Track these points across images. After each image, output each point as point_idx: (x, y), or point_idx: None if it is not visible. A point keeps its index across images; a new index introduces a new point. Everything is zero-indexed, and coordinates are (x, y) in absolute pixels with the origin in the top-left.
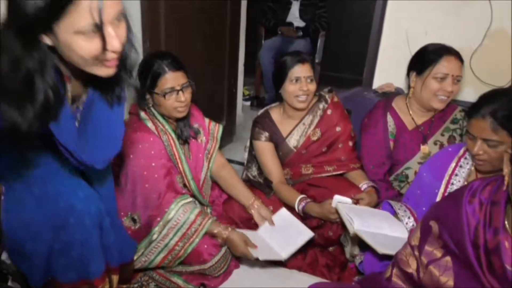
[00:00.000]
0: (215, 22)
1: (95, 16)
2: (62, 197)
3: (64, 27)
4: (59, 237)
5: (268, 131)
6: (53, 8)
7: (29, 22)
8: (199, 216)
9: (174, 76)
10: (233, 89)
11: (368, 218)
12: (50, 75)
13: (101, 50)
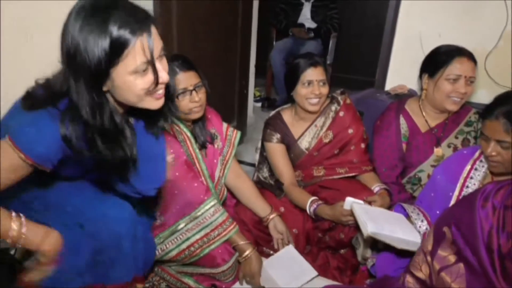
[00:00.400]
0: (227, 24)
1: (147, 54)
2: (94, 205)
3: (121, 70)
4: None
5: (279, 133)
6: (112, 55)
7: (94, 74)
8: (226, 221)
9: (185, 77)
10: (244, 90)
11: (382, 220)
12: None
13: (154, 84)
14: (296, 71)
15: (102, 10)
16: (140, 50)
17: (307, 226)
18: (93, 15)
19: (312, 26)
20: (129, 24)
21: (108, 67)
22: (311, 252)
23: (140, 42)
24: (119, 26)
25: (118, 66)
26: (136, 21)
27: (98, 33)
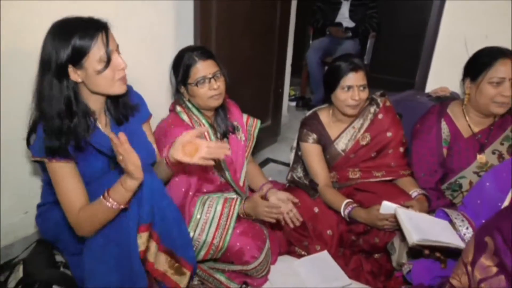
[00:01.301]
0: (265, 22)
1: (105, 44)
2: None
3: (90, 60)
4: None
5: (316, 133)
6: (80, 50)
7: (60, 66)
8: (225, 205)
9: (204, 65)
10: (280, 89)
11: (426, 227)
12: (82, 104)
13: (113, 71)
14: (336, 74)
15: (69, 22)
16: (102, 41)
17: (341, 229)
18: (65, 25)
19: (350, 25)
20: (93, 25)
21: (73, 57)
22: (344, 255)
23: (101, 37)
24: (86, 26)
25: (89, 56)
26: (95, 23)
27: (66, 34)
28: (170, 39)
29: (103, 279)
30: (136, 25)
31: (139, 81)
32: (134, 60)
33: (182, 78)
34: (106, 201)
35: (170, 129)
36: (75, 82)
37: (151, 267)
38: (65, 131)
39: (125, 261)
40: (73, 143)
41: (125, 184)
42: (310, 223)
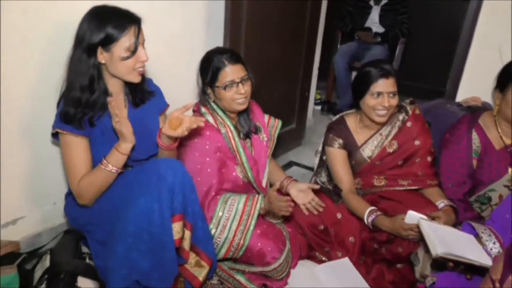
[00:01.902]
0: (295, 25)
1: (136, 36)
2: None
3: (119, 46)
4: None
5: (342, 138)
6: (113, 34)
7: (92, 44)
8: (247, 203)
9: (233, 69)
10: (306, 93)
11: (451, 240)
12: (102, 83)
13: (136, 60)
14: (366, 80)
15: (107, 10)
16: (133, 33)
17: (364, 236)
18: (101, 10)
19: (379, 31)
20: (129, 16)
21: (105, 40)
22: (365, 263)
23: (135, 28)
24: (121, 16)
25: (119, 43)
26: (132, 16)
27: (101, 20)
28: (199, 39)
29: (135, 265)
30: (168, 24)
31: (166, 78)
32: (163, 57)
33: (210, 80)
34: (104, 167)
35: (194, 131)
36: (100, 62)
37: (186, 255)
38: (83, 103)
39: (157, 249)
40: (88, 117)
41: (120, 148)
42: (333, 228)
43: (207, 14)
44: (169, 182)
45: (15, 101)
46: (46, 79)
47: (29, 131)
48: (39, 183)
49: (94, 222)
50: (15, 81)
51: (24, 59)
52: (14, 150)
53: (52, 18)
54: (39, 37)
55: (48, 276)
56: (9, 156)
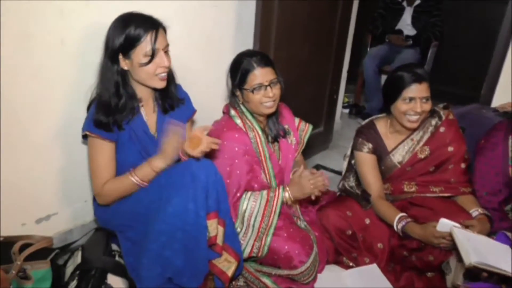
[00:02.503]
0: (325, 27)
1: (153, 45)
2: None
3: (137, 52)
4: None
5: (372, 143)
6: (130, 42)
7: (114, 51)
8: (269, 195)
9: (262, 72)
10: (334, 96)
11: (485, 250)
12: (128, 89)
13: (155, 66)
14: (398, 85)
15: (130, 16)
16: (151, 39)
17: (393, 243)
18: (125, 18)
19: (411, 33)
20: (147, 22)
21: (124, 46)
22: (394, 271)
23: (151, 35)
24: (140, 22)
25: (136, 49)
26: (151, 22)
27: (122, 26)
28: (229, 41)
29: (168, 263)
30: (198, 26)
31: (194, 80)
32: (192, 60)
33: (238, 82)
34: (131, 177)
35: (222, 132)
36: (123, 69)
37: (220, 250)
38: (113, 109)
39: (190, 247)
40: (117, 121)
41: (153, 165)
42: (361, 234)
43: (237, 16)
44: (203, 181)
45: (51, 102)
46: (81, 81)
47: (63, 132)
48: (71, 182)
49: (126, 223)
50: (51, 82)
51: (61, 60)
52: (49, 150)
53: (88, 20)
54: (75, 39)
55: (79, 272)
56: (44, 155)
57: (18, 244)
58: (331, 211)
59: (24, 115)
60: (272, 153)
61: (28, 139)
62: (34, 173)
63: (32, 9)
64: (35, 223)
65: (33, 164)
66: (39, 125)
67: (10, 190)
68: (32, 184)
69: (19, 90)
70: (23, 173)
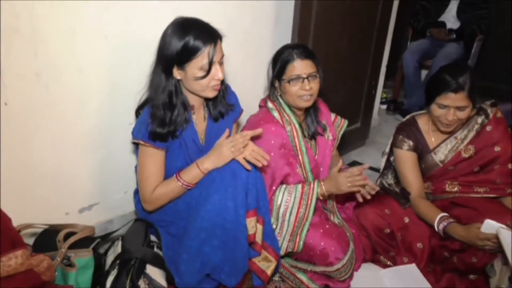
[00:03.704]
0: (365, 22)
1: (210, 58)
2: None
3: (193, 65)
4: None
5: (412, 140)
6: (183, 54)
7: (168, 62)
8: (304, 188)
9: (301, 64)
10: (373, 91)
11: None
12: (181, 98)
13: (210, 79)
14: (436, 88)
15: (186, 25)
16: (207, 54)
17: (433, 243)
18: (181, 27)
19: (454, 27)
20: (204, 35)
21: (179, 59)
22: (434, 271)
23: (209, 49)
24: (197, 34)
25: (191, 63)
26: (209, 34)
27: (178, 37)
28: (267, 36)
29: (207, 259)
30: (237, 20)
31: (232, 75)
32: (231, 54)
33: (277, 73)
34: (178, 181)
35: (259, 125)
36: (176, 78)
37: (259, 249)
38: (167, 122)
39: (229, 244)
40: (172, 133)
41: (202, 166)
42: (399, 233)
43: (275, 11)
44: (244, 179)
45: (93, 96)
46: (122, 76)
47: (104, 125)
48: (112, 173)
49: (167, 218)
50: (94, 77)
51: (104, 55)
52: (91, 143)
53: (132, 16)
54: (118, 34)
55: (120, 262)
56: (86, 148)
57: (63, 232)
58: (369, 209)
59: (68, 109)
60: (309, 147)
61: (71, 133)
62: (77, 165)
63: (78, 6)
64: (78, 212)
65: (76, 156)
66: (82, 119)
67: (55, 181)
68: (76, 175)
69: (64, 85)
70: (67, 165)
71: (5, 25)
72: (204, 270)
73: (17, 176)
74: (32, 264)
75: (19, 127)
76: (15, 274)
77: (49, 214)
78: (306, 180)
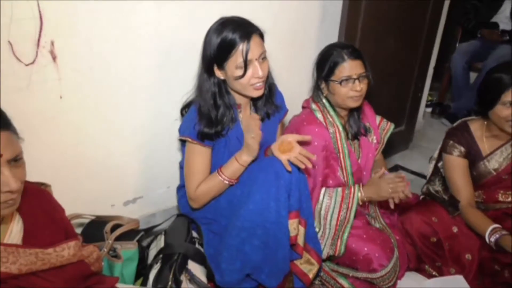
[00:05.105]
0: (414, 22)
1: (244, 55)
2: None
3: (231, 64)
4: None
5: (464, 146)
6: (221, 51)
7: (208, 61)
8: (344, 191)
9: (352, 65)
10: (419, 93)
11: None
12: (226, 97)
13: (249, 77)
14: (496, 88)
15: (225, 23)
16: (242, 51)
17: (483, 255)
18: (219, 25)
19: (507, 28)
20: (238, 32)
21: (217, 57)
22: (483, 285)
23: (242, 46)
24: (233, 31)
25: (229, 62)
26: (243, 31)
27: (216, 35)
28: (313, 34)
29: (248, 258)
30: (283, 17)
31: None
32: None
33: (326, 74)
34: (220, 177)
35: (302, 126)
36: (219, 78)
37: (301, 251)
38: (214, 122)
39: (270, 245)
40: (220, 132)
41: (241, 159)
42: (447, 242)
43: (322, 9)
44: (287, 180)
45: (141, 91)
46: (170, 72)
47: (150, 121)
48: (156, 168)
49: (209, 216)
50: (142, 73)
51: (154, 50)
52: (137, 138)
53: (182, 13)
54: (168, 31)
55: (163, 256)
56: (132, 143)
57: (110, 224)
58: (415, 215)
59: (117, 104)
60: (352, 150)
61: (120, 127)
62: (124, 158)
63: (132, 4)
64: (122, 205)
65: (124, 150)
66: (130, 113)
67: (104, 173)
68: (123, 168)
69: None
70: (115, 158)
71: (63, 22)
72: (244, 269)
73: (68, 168)
74: (83, 255)
75: (72, 120)
76: (66, 265)
77: (95, 205)
78: (346, 183)
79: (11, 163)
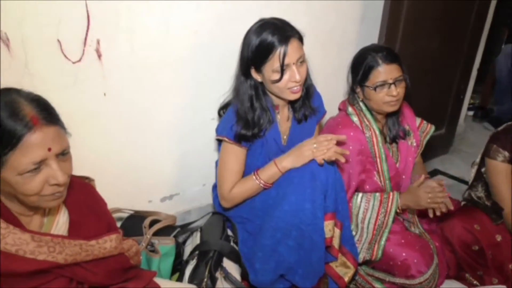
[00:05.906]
0: (457, 23)
1: (281, 59)
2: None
3: (268, 67)
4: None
5: (509, 151)
6: (259, 53)
7: (246, 62)
8: (382, 196)
9: (387, 69)
10: (461, 96)
11: None
12: (262, 100)
13: (286, 81)
14: None
15: (264, 25)
16: (279, 55)
17: None
18: (258, 27)
19: None
20: (276, 36)
21: (255, 60)
22: None
23: (280, 50)
24: (271, 34)
25: (266, 65)
26: (281, 35)
27: (255, 37)
28: (352, 34)
29: (282, 259)
30: (323, 18)
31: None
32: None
33: (360, 79)
34: (256, 180)
35: (337, 129)
36: (257, 80)
37: (336, 253)
38: (251, 124)
39: (305, 246)
40: (257, 134)
41: (281, 165)
42: (490, 251)
43: (362, 9)
44: (323, 181)
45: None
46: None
47: (187, 120)
48: (192, 166)
49: (244, 215)
50: (181, 72)
51: (192, 50)
52: (174, 136)
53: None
54: (206, 31)
55: (199, 252)
56: (169, 140)
57: (148, 219)
58: (456, 222)
59: (156, 101)
60: (389, 155)
61: (159, 124)
62: (163, 155)
63: (172, 3)
64: (160, 201)
65: (162, 147)
66: (169, 111)
67: (143, 169)
68: (161, 165)
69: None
70: (152, 156)
71: (108, 21)
72: (278, 270)
73: (110, 163)
74: (123, 249)
75: (114, 117)
76: (108, 257)
77: (134, 200)
78: (384, 188)
79: (59, 157)
